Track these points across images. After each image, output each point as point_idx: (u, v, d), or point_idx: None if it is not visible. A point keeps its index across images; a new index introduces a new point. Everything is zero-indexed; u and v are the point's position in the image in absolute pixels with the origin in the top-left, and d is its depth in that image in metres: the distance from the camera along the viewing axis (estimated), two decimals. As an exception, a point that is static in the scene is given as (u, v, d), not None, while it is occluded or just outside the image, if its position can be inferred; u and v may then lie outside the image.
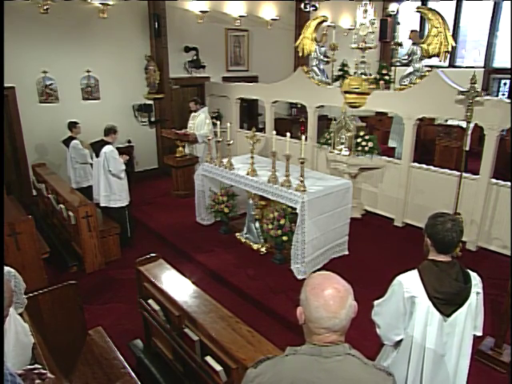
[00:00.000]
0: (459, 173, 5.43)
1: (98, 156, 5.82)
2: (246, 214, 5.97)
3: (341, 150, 6.46)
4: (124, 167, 5.78)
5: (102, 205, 5.82)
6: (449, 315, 2.19)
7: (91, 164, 6.63)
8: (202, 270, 5.32)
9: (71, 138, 6.75)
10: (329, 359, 1.42)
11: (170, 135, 7.81)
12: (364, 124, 6.68)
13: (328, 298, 1.43)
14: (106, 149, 5.67)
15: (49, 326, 3.10)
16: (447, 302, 2.17)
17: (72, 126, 6.84)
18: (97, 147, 5.84)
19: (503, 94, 11.31)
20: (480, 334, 2.36)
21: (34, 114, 7.49)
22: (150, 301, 3.32)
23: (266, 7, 10.40)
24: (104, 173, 5.70)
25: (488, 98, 5.52)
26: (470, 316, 2.25)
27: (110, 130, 5.84)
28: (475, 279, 2.27)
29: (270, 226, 5.11)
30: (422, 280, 2.18)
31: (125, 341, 3.67)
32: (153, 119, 9.09)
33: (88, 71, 8.00)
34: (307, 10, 10.69)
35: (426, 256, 2.30)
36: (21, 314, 2.61)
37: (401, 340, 2.33)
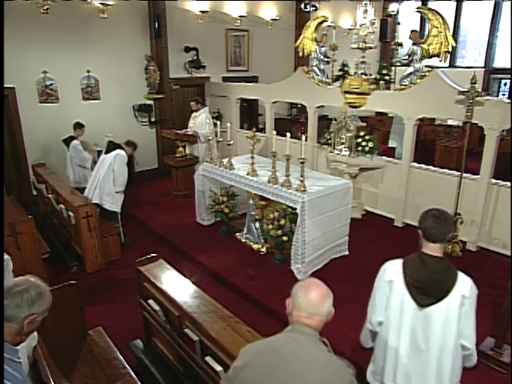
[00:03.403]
0: (459, 173, 5.43)
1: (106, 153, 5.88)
2: (246, 214, 5.97)
3: (341, 150, 6.45)
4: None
5: (93, 201, 5.69)
6: (424, 306, 2.23)
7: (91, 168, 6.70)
8: (202, 270, 5.32)
9: (72, 138, 6.75)
10: (299, 334, 1.74)
11: (171, 135, 7.81)
12: (364, 124, 6.68)
13: (312, 293, 1.76)
14: (118, 151, 5.79)
15: (49, 326, 3.09)
16: (421, 290, 2.23)
17: (77, 126, 6.87)
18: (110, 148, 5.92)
19: (503, 94, 11.31)
20: (469, 345, 2.25)
21: (34, 114, 7.48)
22: (150, 301, 3.32)
23: (266, 7, 10.40)
24: (108, 173, 5.72)
25: (488, 98, 5.52)
26: (452, 317, 2.20)
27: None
28: (464, 282, 2.23)
29: (270, 226, 5.11)
30: (404, 267, 2.32)
31: (125, 341, 3.66)
32: (153, 119, 9.09)
33: (88, 71, 8.00)
34: (307, 10, 10.69)
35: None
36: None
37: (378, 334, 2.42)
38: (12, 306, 1.83)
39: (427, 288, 2.22)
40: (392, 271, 2.36)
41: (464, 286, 2.22)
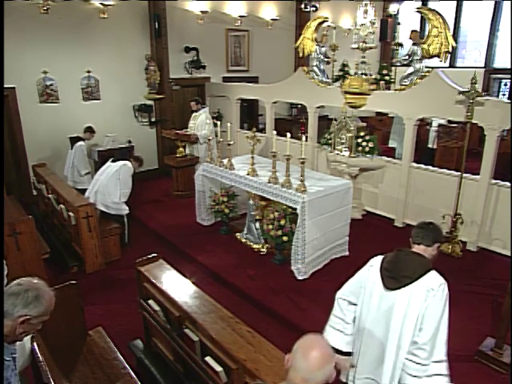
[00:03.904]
0: (459, 173, 5.43)
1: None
2: (246, 214, 5.97)
3: (341, 151, 6.45)
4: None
5: (99, 208, 5.72)
6: (389, 289, 2.32)
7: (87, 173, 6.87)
8: (202, 270, 5.31)
9: (79, 139, 6.86)
10: None
11: (171, 135, 7.81)
12: (364, 124, 6.68)
13: (312, 357, 1.63)
14: (125, 162, 5.87)
15: (49, 327, 3.09)
16: (390, 273, 2.35)
17: (88, 129, 7.05)
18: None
19: (504, 95, 11.29)
20: (424, 345, 2.24)
21: (34, 114, 7.48)
22: (151, 301, 3.31)
23: (266, 7, 10.40)
24: (112, 180, 5.76)
25: (488, 98, 5.51)
26: (413, 307, 2.25)
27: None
28: (434, 277, 2.29)
29: (271, 227, 5.11)
30: (385, 256, 2.48)
31: (125, 341, 3.66)
32: (153, 119, 9.09)
33: (88, 71, 8.00)
34: (307, 10, 10.69)
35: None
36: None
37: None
38: (8, 302, 1.87)
39: (394, 271, 2.34)
40: (375, 259, 2.54)
41: (432, 280, 2.27)
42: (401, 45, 6.97)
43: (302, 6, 10.68)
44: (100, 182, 5.80)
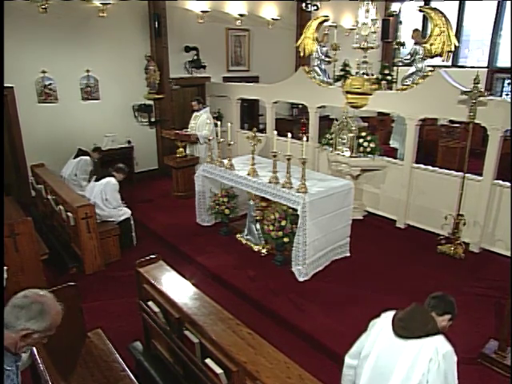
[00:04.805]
0: (462, 173, 5.39)
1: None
2: (246, 215, 5.94)
3: (342, 151, 6.42)
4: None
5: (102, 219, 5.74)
6: (399, 336, 2.27)
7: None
8: (202, 271, 5.28)
9: (86, 153, 6.99)
10: None
11: (171, 135, 7.78)
12: (366, 124, 6.66)
13: None
14: (108, 179, 5.85)
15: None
16: (402, 323, 2.29)
17: (97, 149, 7.25)
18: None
19: (507, 94, 11.22)
20: None
21: (32, 114, 7.45)
22: (150, 303, 3.29)
23: (266, 7, 10.37)
24: (100, 201, 5.75)
25: (491, 97, 5.47)
26: (421, 363, 2.19)
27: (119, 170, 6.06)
28: (442, 342, 2.22)
29: (271, 228, 5.07)
30: (397, 310, 2.40)
31: (124, 343, 3.62)
32: (153, 119, 9.06)
33: (87, 71, 7.96)
34: (308, 9, 10.67)
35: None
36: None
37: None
38: (12, 314, 1.84)
39: (408, 321, 2.29)
40: (384, 315, 2.46)
41: (441, 344, 2.22)
42: (403, 44, 6.96)
43: (303, 5, 10.67)
44: (92, 201, 5.67)
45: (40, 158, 7.39)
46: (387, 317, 2.41)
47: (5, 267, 3.70)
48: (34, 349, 2.54)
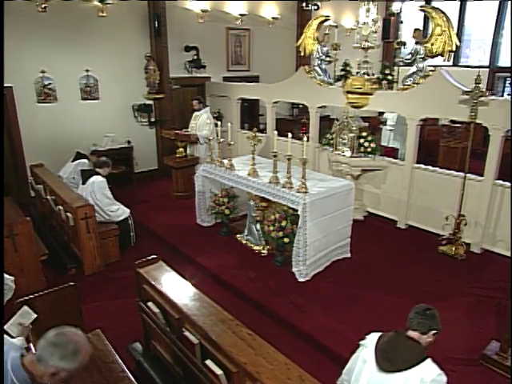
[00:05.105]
0: (463, 174, 5.37)
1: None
2: (246, 215, 5.92)
3: (343, 151, 6.40)
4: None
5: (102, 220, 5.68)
6: (383, 370, 2.21)
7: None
8: (202, 271, 5.27)
9: (85, 157, 6.89)
10: None
11: (171, 135, 7.76)
12: (366, 124, 6.63)
13: None
14: (93, 179, 5.69)
15: (46, 328, 3.04)
16: (385, 354, 2.22)
17: (95, 153, 7.20)
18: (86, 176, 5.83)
19: (508, 94, 11.19)
20: None
21: (32, 114, 7.42)
22: (150, 303, 3.28)
23: (267, 6, 10.35)
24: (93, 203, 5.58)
25: (493, 97, 5.45)
26: None
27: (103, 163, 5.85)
28: (430, 368, 2.16)
29: (271, 228, 5.06)
30: (380, 336, 2.33)
31: (124, 344, 3.60)
32: (153, 119, 9.04)
33: (87, 71, 7.94)
34: (309, 9, 10.65)
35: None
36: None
37: None
38: (47, 349, 1.90)
39: (391, 353, 2.22)
40: (370, 337, 2.39)
41: (427, 371, 2.15)
42: (404, 44, 6.94)
43: (304, 4, 10.65)
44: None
45: (39, 158, 7.37)
46: (372, 340, 2.33)
47: (12, 277, 3.65)
48: (33, 348, 2.53)
